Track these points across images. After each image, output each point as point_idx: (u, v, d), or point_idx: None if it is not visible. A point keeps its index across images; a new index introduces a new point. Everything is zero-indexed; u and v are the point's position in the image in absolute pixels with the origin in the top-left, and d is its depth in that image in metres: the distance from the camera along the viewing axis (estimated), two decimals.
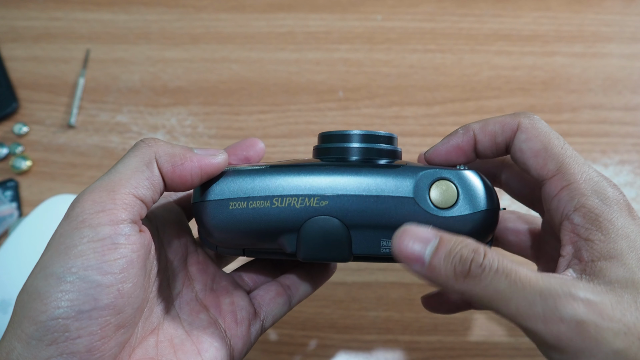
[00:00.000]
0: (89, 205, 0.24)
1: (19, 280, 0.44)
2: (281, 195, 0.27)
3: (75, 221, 0.23)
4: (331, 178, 0.27)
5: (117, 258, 0.23)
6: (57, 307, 0.22)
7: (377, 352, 0.44)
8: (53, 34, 0.61)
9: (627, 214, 0.25)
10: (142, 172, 0.25)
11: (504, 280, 0.22)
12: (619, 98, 0.55)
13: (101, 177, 0.25)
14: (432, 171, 0.27)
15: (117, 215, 0.24)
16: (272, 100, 0.56)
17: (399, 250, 0.23)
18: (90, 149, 0.54)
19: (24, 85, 0.58)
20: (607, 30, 0.59)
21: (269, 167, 0.27)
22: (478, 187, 0.27)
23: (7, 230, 0.49)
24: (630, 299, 0.23)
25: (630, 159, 0.52)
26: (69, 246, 0.23)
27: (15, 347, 0.22)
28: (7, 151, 0.54)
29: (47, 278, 0.22)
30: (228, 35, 0.60)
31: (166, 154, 0.26)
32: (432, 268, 0.23)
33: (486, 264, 0.22)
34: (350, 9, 0.61)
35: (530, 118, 0.28)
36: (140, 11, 0.62)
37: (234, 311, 0.30)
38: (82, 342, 0.22)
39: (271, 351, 0.44)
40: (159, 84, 0.57)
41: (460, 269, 0.23)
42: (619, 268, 0.23)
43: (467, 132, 0.29)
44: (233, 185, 0.27)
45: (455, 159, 0.30)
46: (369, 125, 0.54)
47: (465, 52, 0.58)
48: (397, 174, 0.27)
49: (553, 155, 0.26)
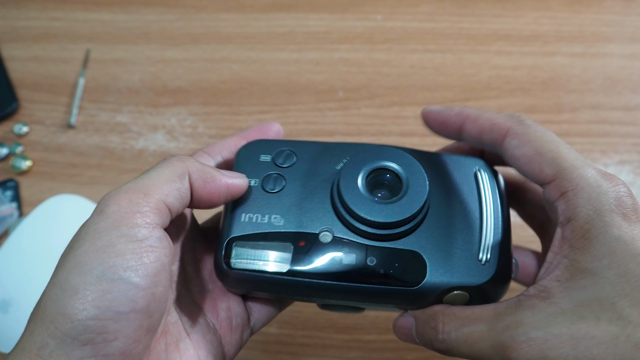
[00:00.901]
0: (126, 205, 0.23)
1: (19, 280, 0.44)
2: (301, 296, 0.29)
3: (111, 218, 0.23)
4: (351, 292, 0.28)
5: (152, 261, 0.23)
6: (97, 307, 0.21)
7: (377, 352, 0.44)
8: (53, 34, 0.61)
9: (621, 221, 0.24)
10: (174, 182, 0.26)
11: (463, 346, 0.26)
12: (619, 98, 0.55)
13: (134, 179, 0.25)
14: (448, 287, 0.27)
15: (152, 218, 0.24)
16: (272, 100, 0.56)
17: (400, 337, 0.29)
18: (90, 149, 0.54)
19: (24, 85, 0.58)
20: (607, 30, 0.59)
21: (291, 272, 0.28)
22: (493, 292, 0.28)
23: (7, 230, 0.49)
24: (592, 320, 0.23)
25: (630, 159, 0.52)
26: (107, 244, 0.22)
27: (49, 344, 0.21)
28: (7, 151, 0.54)
29: (85, 275, 0.22)
30: (228, 35, 0.60)
31: (198, 169, 0.27)
32: (420, 342, 0.28)
33: (445, 338, 0.26)
34: (350, 9, 0.61)
35: (521, 122, 0.27)
36: (140, 11, 0.62)
37: (229, 317, 0.30)
38: (117, 344, 0.22)
39: (271, 351, 0.44)
40: (159, 84, 0.57)
41: (428, 344, 0.27)
42: (587, 289, 0.23)
43: (460, 114, 0.29)
44: (258, 283, 0.28)
45: (441, 132, 0.30)
46: (369, 125, 0.54)
47: (465, 52, 0.58)
48: (415, 294, 0.27)
49: (548, 160, 0.26)
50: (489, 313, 0.26)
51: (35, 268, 0.44)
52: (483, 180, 0.30)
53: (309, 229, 0.28)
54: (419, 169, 0.28)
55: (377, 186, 0.29)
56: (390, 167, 0.29)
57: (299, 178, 0.30)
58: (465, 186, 0.30)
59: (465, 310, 0.27)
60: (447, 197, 0.29)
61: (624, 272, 0.23)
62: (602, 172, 0.26)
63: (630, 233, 0.24)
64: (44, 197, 0.50)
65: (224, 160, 0.32)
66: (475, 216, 0.29)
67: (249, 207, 0.29)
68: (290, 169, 0.30)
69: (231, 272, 0.28)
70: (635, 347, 0.22)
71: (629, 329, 0.22)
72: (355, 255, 0.27)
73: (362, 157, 0.29)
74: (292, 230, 0.28)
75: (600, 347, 0.22)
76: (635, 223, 0.24)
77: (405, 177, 0.28)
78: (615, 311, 0.23)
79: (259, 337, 0.44)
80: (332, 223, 0.28)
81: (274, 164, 0.30)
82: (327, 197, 0.29)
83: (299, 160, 0.30)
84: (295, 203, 0.29)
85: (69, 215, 0.48)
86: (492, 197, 0.29)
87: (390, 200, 0.28)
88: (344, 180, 0.28)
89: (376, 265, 0.27)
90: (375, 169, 0.29)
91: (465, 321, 0.26)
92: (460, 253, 0.28)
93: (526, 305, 0.25)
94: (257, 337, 0.44)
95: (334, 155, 0.30)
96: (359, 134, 0.54)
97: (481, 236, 0.28)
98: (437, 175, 0.30)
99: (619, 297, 0.23)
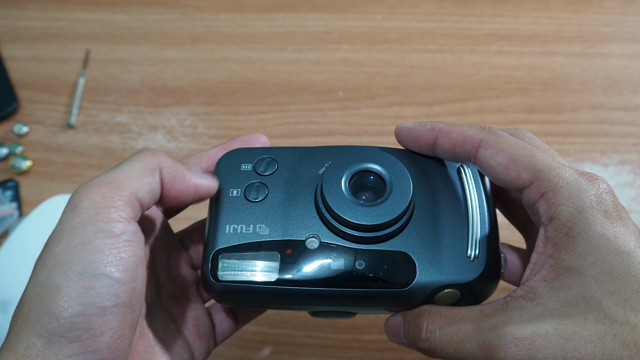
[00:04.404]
0: (99, 199, 0.23)
1: (19, 280, 0.44)
2: (291, 305, 0.29)
3: (85, 214, 0.23)
4: (341, 297, 0.28)
5: (130, 255, 0.23)
6: (81, 304, 0.21)
7: (377, 352, 0.44)
8: (53, 34, 0.61)
9: (603, 218, 0.24)
10: (146, 176, 0.26)
11: (448, 345, 0.26)
12: (619, 98, 0.55)
13: (105, 173, 0.25)
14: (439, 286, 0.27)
15: (127, 212, 0.24)
16: (272, 100, 0.56)
17: (390, 338, 0.29)
18: (90, 149, 0.54)
19: (24, 85, 0.58)
20: (607, 30, 0.59)
21: (280, 281, 0.27)
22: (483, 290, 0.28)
23: (7, 230, 0.49)
24: (579, 320, 0.23)
25: (630, 159, 0.52)
26: (85, 241, 0.22)
27: (35, 344, 0.21)
28: (7, 151, 0.54)
29: (67, 273, 0.22)
30: (228, 35, 0.60)
31: (169, 165, 0.27)
32: (406, 342, 0.28)
33: (429, 336, 0.26)
34: (350, 9, 0.61)
35: (493, 133, 0.27)
36: (140, 11, 0.62)
37: (197, 325, 0.31)
38: (104, 339, 0.22)
39: (271, 351, 0.44)
40: (159, 84, 0.57)
41: (413, 343, 0.27)
42: (572, 288, 0.23)
43: (432, 130, 0.29)
44: (246, 295, 0.28)
45: (414, 148, 0.30)
46: (369, 125, 0.54)
47: (465, 52, 0.58)
48: (406, 296, 0.27)
49: (524, 165, 0.26)
50: (475, 313, 0.26)
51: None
52: (467, 175, 0.30)
53: (295, 237, 0.28)
54: (402, 169, 0.28)
55: (361, 189, 0.29)
56: (372, 168, 0.29)
57: (281, 185, 0.29)
58: (449, 183, 0.30)
59: (451, 310, 0.27)
60: (432, 195, 0.29)
61: (609, 269, 0.23)
62: (581, 172, 0.26)
63: (613, 230, 0.24)
64: (44, 197, 0.50)
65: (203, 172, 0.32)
66: (462, 213, 0.29)
67: (233, 218, 0.29)
68: (272, 177, 0.30)
69: (219, 285, 0.27)
70: (622, 346, 0.22)
71: (615, 328, 0.22)
72: (343, 260, 0.27)
73: (344, 161, 0.29)
74: (278, 239, 0.28)
75: (588, 346, 0.22)
76: (617, 220, 0.24)
77: (389, 178, 0.28)
78: (602, 310, 0.23)
79: (259, 337, 0.44)
80: (318, 229, 0.28)
81: (255, 172, 0.30)
82: (311, 202, 0.29)
83: (280, 167, 0.30)
84: (280, 211, 0.29)
85: None
86: (476, 193, 0.29)
87: (375, 202, 0.27)
88: (327, 184, 0.28)
89: (365, 268, 0.27)
90: (357, 171, 0.29)
91: (451, 320, 0.26)
92: (449, 251, 0.27)
93: (513, 307, 0.25)
94: (257, 337, 0.44)
95: (316, 159, 0.30)
96: (359, 134, 0.54)
97: (468, 233, 0.28)
98: (421, 174, 0.30)
99: (604, 295, 0.23)
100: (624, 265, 0.23)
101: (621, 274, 0.23)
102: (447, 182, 0.30)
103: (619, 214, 0.25)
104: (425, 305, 0.28)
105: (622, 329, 0.22)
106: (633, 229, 0.25)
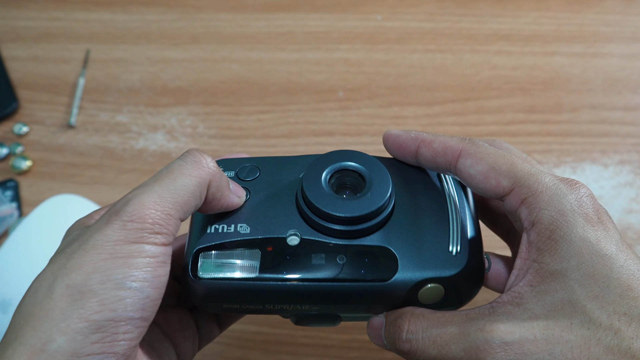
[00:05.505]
0: (149, 226, 0.24)
1: (19, 280, 0.44)
2: (273, 305, 0.28)
3: (133, 235, 0.24)
4: (323, 293, 0.27)
5: (162, 275, 0.24)
6: (113, 310, 0.22)
7: (377, 352, 0.44)
8: (53, 34, 0.61)
9: (584, 222, 0.24)
10: (195, 198, 0.26)
11: (431, 347, 0.25)
12: (619, 98, 0.55)
13: (164, 183, 0.25)
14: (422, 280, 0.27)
15: (168, 238, 0.25)
16: (272, 100, 0.56)
17: (372, 339, 0.29)
18: (90, 149, 0.54)
19: (24, 85, 0.58)
20: (607, 30, 0.59)
21: (260, 277, 0.27)
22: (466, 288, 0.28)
23: (7, 230, 0.49)
24: (565, 324, 0.23)
25: (630, 159, 0.52)
26: (127, 256, 0.23)
27: (55, 340, 0.22)
28: (7, 151, 0.54)
29: (105, 282, 0.23)
30: (228, 35, 0.60)
31: (216, 184, 0.27)
32: (386, 344, 0.28)
33: (410, 337, 0.26)
34: (350, 9, 0.61)
35: (473, 143, 0.28)
36: (140, 11, 0.62)
37: (182, 329, 0.31)
38: (124, 345, 0.23)
39: (271, 351, 0.44)
40: (159, 84, 0.57)
41: (392, 344, 0.27)
42: (557, 291, 0.24)
43: (415, 139, 0.29)
44: (227, 292, 0.28)
45: (399, 155, 0.31)
46: (369, 125, 0.54)
47: (465, 52, 0.58)
48: (388, 290, 0.27)
49: (503, 173, 0.26)
50: (461, 317, 0.26)
51: (35, 268, 0.44)
52: (447, 180, 0.30)
53: (276, 234, 0.28)
54: (381, 167, 0.29)
55: (342, 187, 0.29)
56: (352, 167, 0.29)
57: (263, 189, 0.30)
58: (430, 186, 0.30)
59: (435, 312, 0.27)
60: (413, 194, 0.29)
61: (592, 273, 0.24)
62: (560, 178, 0.26)
63: (594, 234, 0.24)
64: (44, 197, 0.50)
65: None
66: (443, 209, 0.29)
67: (215, 219, 0.29)
68: (253, 182, 0.30)
69: (198, 283, 0.27)
70: (606, 350, 0.22)
71: (599, 333, 0.23)
72: (324, 254, 0.27)
73: (324, 161, 0.29)
74: (259, 237, 0.28)
75: (575, 351, 0.23)
76: (597, 224, 0.25)
77: (368, 175, 0.29)
78: (587, 314, 0.23)
79: (259, 337, 0.44)
80: (298, 225, 0.28)
81: (237, 178, 0.30)
82: (292, 201, 0.29)
83: (262, 173, 0.31)
84: (261, 211, 0.29)
85: (69, 215, 0.48)
86: (455, 190, 0.30)
87: (355, 197, 0.28)
88: (307, 182, 0.28)
89: (346, 263, 0.27)
90: (338, 169, 0.29)
91: (435, 322, 0.26)
92: (431, 246, 0.28)
93: (500, 311, 0.25)
94: (257, 337, 0.44)
95: (297, 166, 0.31)
96: (359, 134, 0.54)
97: (450, 228, 0.28)
98: (403, 177, 0.30)
99: (588, 298, 0.23)
100: (606, 269, 0.24)
101: (604, 277, 0.23)
102: (428, 185, 0.30)
103: (600, 217, 0.25)
104: (408, 307, 0.28)
105: (606, 334, 0.23)
106: (614, 232, 0.25)
